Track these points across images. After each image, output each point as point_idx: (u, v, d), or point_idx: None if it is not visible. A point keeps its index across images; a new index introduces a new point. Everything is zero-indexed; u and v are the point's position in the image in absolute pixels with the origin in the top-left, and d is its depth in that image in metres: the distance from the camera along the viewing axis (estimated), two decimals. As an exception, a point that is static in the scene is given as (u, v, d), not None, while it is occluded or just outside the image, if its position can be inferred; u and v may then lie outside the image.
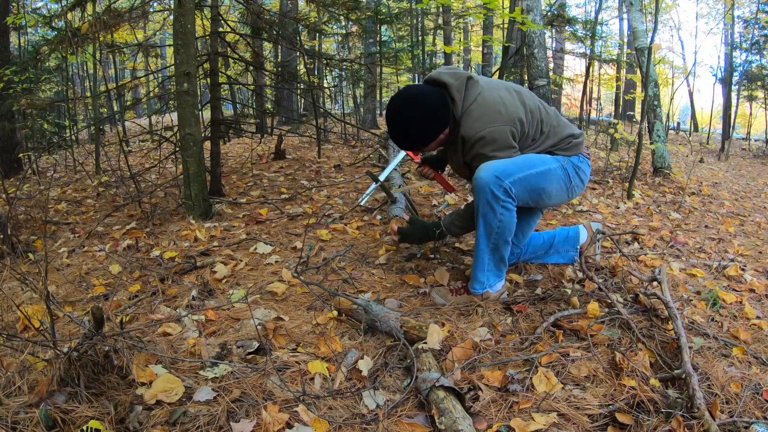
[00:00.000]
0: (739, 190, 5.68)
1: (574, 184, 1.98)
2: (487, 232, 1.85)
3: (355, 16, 4.76)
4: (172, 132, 3.87)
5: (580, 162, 1.98)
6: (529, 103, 1.89)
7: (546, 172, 1.87)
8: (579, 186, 2.00)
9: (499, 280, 1.99)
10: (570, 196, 2.02)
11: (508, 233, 1.86)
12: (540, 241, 2.29)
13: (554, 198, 1.97)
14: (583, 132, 2.06)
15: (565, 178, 1.94)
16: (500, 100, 1.82)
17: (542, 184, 1.87)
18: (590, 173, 2.05)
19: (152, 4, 4.77)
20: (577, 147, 1.98)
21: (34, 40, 9.70)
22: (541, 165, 1.87)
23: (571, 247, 2.27)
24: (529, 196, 1.86)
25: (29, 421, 1.15)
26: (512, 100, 1.85)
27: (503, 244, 1.89)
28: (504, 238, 1.87)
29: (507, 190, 1.78)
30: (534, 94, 2.02)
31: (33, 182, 5.07)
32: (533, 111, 1.89)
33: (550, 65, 8.21)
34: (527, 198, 1.87)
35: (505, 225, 1.83)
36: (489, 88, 1.87)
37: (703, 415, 1.25)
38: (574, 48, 12.58)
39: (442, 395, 1.30)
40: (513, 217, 1.84)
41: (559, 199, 2.00)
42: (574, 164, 1.96)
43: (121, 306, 1.98)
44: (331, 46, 12.80)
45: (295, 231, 2.83)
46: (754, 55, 12.42)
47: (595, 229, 2.29)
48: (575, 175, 1.97)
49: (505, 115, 1.80)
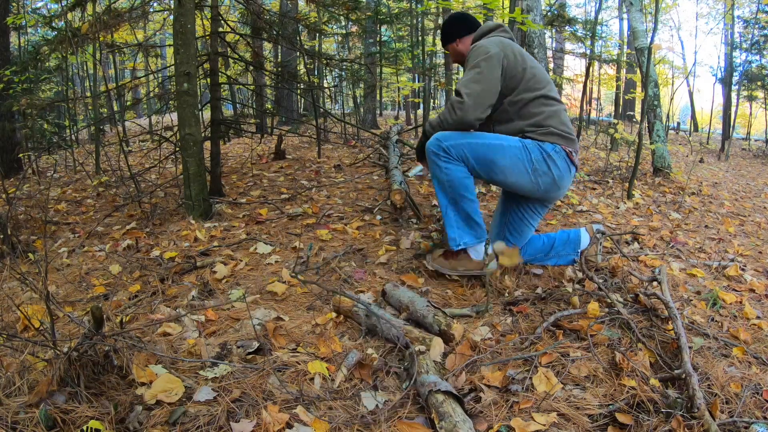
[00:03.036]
0: (739, 190, 5.68)
1: (537, 167, 2.01)
2: (441, 188, 2.05)
3: (355, 16, 4.75)
4: (172, 132, 3.87)
5: (553, 151, 2.01)
6: (533, 66, 2.06)
7: (498, 146, 2.00)
8: (545, 173, 2.02)
9: (475, 240, 2.09)
10: (536, 181, 2.03)
11: (461, 188, 2.01)
12: (540, 243, 2.30)
13: (511, 176, 2.02)
14: (571, 133, 2.09)
15: (525, 158, 2.00)
16: (510, 45, 2.05)
17: (491, 156, 1.99)
18: (568, 173, 2.07)
19: (152, 4, 4.77)
20: (552, 137, 2.03)
21: (34, 40, 9.70)
22: (494, 140, 2.02)
23: (572, 251, 2.29)
24: (476, 162, 2.00)
25: (29, 421, 1.15)
26: (521, 53, 2.06)
27: (461, 200, 2.03)
28: (458, 192, 2.02)
29: (445, 150, 1.98)
30: (546, 75, 2.13)
31: (33, 182, 5.07)
32: (531, 71, 2.04)
33: (550, 65, 8.22)
34: (474, 163, 2.00)
35: (452, 179, 2.00)
36: (511, 39, 2.13)
37: (703, 415, 1.25)
38: (574, 48, 12.58)
39: (441, 398, 1.30)
40: (459, 173, 2.00)
41: (521, 179, 2.03)
42: (543, 150, 2.01)
43: (121, 306, 1.98)
44: (331, 46, 12.81)
45: (295, 231, 2.84)
46: (754, 55, 12.43)
47: (596, 229, 2.31)
48: (541, 159, 2.00)
49: (505, 49, 2.02)
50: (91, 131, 7.42)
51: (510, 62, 2.01)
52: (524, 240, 2.26)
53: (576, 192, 4.13)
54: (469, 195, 2.03)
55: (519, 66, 2.02)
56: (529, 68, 2.04)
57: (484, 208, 3.32)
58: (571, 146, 2.06)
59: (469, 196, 2.04)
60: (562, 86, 11.38)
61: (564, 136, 2.05)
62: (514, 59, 2.02)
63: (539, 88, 2.04)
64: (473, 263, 2.13)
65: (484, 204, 3.46)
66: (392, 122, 9.05)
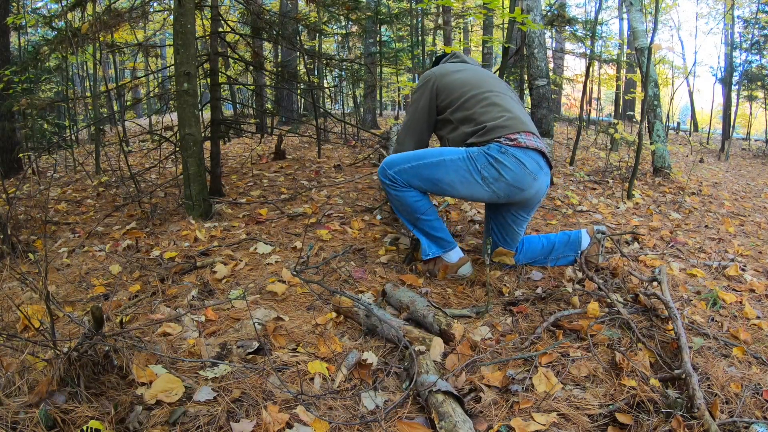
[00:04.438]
0: (739, 190, 5.69)
1: (486, 175, 1.96)
2: (397, 209, 2.17)
3: (355, 16, 4.75)
4: (172, 132, 3.87)
5: (498, 153, 1.94)
6: (467, 76, 2.16)
7: (438, 162, 2.01)
8: (497, 179, 1.95)
9: (441, 250, 2.20)
10: (491, 189, 1.99)
11: (414, 212, 2.11)
12: (539, 246, 2.30)
13: (462, 188, 2.01)
14: (511, 116, 2.03)
15: (470, 167, 1.96)
16: (440, 70, 2.21)
17: (434, 174, 2.02)
18: (522, 171, 1.96)
19: (152, 4, 4.77)
20: (492, 133, 1.98)
21: (34, 40, 9.70)
22: (435, 156, 2.03)
23: (572, 252, 2.28)
24: (423, 184, 2.05)
25: (29, 421, 1.15)
26: (455, 70, 2.20)
27: (418, 221, 2.14)
28: (413, 215, 2.12)
29: (391, 178, 2.08)
30: (496, 80, 2.22)
31: (33, 182, 5.07)
32: (469, 87, 2.12)
33: (550, 65, 8.21)
34: (422, 185, 2.06)
35: (404, 202, 2.09)
36: (458, 64, 2.28)
37: (703, 415, 1.25)
38: (574, 48, 12.59)
39: (441, 398, 1.30)
40: (409, 197, 2.08)
41: (473, 190, 2.00)
42: (488, 155, 1.95)
43: (121, 306, 1.98)
44: (331, 46, 12.81)
45: (295, 231, 2.84)
46: (754, 55, 12.42)
47: (597, 230, 2.29)
48: (488, 165, 1.94)
49: (433, 77, 2.18)
50: (91, 131, 7.42)
51: (440, 84, 2.16)
52: (517, 241, 2.28)
53: (576, 192, 4.13)
54: (423, 216, 2.11)
55: (450, 85, 2.14)
56: (461, 79, 2.15)
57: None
58: (514, 129, 1.97)
59: (424, 217, 2.11)
60: (562, 86, 11.39)
61: (502, 125, 1.98)
62: (442, 81, 2.16)
63: (468, 90, 2.10)
64: (450, 266, 2.23)
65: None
66: (392, 122, 9.03)
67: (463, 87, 2.12)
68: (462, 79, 2.15)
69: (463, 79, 2.15)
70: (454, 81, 2.15)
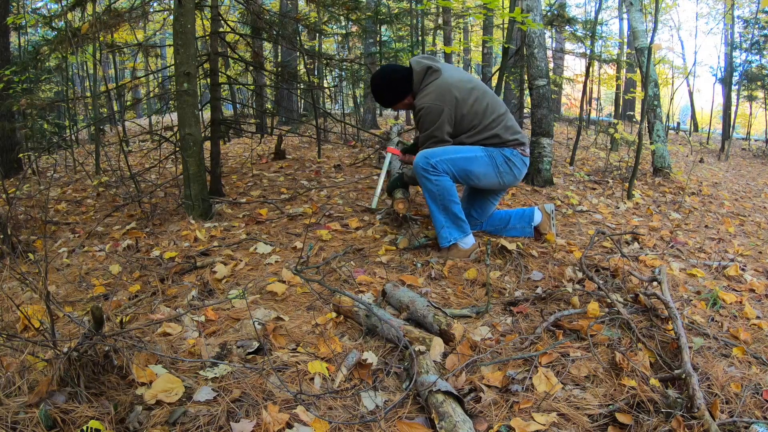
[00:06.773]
0: (739, 190, 5.69)
1: (502, 170, 2.45)
2: (432, 198, 2.40)
3: (355, 16, 4.75)
4: (172, 132, 3.87)
5: (512, 155, 2.44)
6: (475, 99, 2.38)
7: (472, 158, 2.39)
8: (508, 173, 2.46)
9: (462, 234, 2.44)
10: (501, 180, 2.47)
11: (448, 195, 2.37)
12: (498, 217, 2.77)
13: (483, 179, 2.45)
14: (518, 134, 2.47)
15: (493, 164, 2.43)
16: (448, 87, 2.34)
17: (468, 167, 2.39)
18: (524, 167, 2.51)
19: (152, 4, 4.77)
20: (505, 144, 2.43)
21: (34, 40, 9.69)
22: (468, 152, 2.40)
23: (526, 224, 2.72)
24: (457, 173, 2.38)
25: (29, 421, 1.15)
26: (462, 90, 2.35)
27: (450, 204, 2.39)
28: (448, 198, 2.37)
29: (433, 165, 2.34)
30: (489, 93, 2.46)
31: (33, 182, 5.07)
32: (476, 106, 2.38)
33: (550, 65, 8.21)
34: (455, 173, 2.38)
35: (442, 189, 2.36)
36: (448, 76, 2.38)
37: (703, 415, 1.25)
38: (574, 48, 12.58)
39: (441, 398, 1.30)
40: (447, 183, 2.36)
41: (489, 180, 2.46)
42: (504, 155, 2.43)
43: (121, 306, 1.98)
44: (331, 46, 12.80)
45: (295, 231, 2.83)
46: (754, 55, 12.42)
47: (549, 210, 2.73)
48: (504, 163, 2.44)
49: (447, 100, 2.33)
50: (91, 131, 7.42)
51: (452, 107, 2.34)
52: (486, 215, 2.75)
53: (576, 192, 4.13)
54: (456, 199, 2.41)
55: (461, 106, 2.36)
56: (472, 99, 2.37)
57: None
58: (522, 145, 2.48)
59: (456, 199, 2.41)
60: (562, 86, 11.38)
61: (514, 141, 2.44)
62: (454, 102, 2.34)
63: (480, 114, 2.39)
64: (462, 251, 2.46)
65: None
66: (392, 122, 9.03)
67: (476, 106, 2.39)
68: (475, 99, 2.38)
69: (476, 98, 2.38)
70: (466, 105, 2.38)
